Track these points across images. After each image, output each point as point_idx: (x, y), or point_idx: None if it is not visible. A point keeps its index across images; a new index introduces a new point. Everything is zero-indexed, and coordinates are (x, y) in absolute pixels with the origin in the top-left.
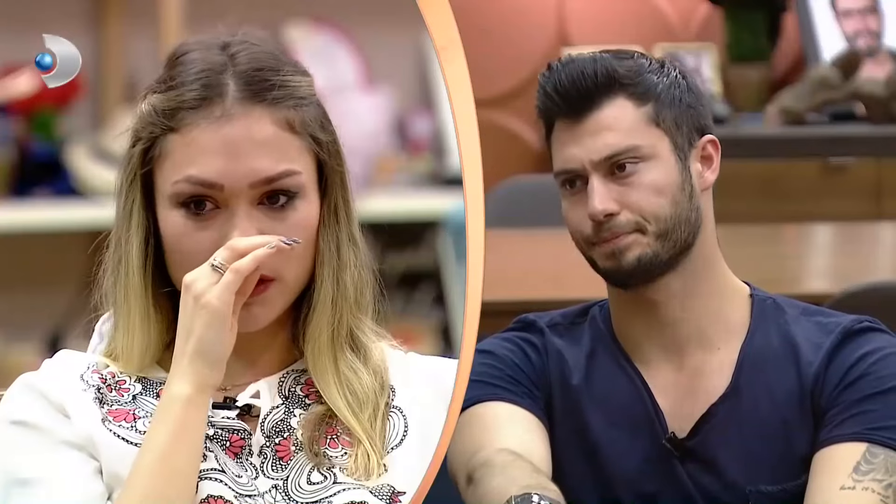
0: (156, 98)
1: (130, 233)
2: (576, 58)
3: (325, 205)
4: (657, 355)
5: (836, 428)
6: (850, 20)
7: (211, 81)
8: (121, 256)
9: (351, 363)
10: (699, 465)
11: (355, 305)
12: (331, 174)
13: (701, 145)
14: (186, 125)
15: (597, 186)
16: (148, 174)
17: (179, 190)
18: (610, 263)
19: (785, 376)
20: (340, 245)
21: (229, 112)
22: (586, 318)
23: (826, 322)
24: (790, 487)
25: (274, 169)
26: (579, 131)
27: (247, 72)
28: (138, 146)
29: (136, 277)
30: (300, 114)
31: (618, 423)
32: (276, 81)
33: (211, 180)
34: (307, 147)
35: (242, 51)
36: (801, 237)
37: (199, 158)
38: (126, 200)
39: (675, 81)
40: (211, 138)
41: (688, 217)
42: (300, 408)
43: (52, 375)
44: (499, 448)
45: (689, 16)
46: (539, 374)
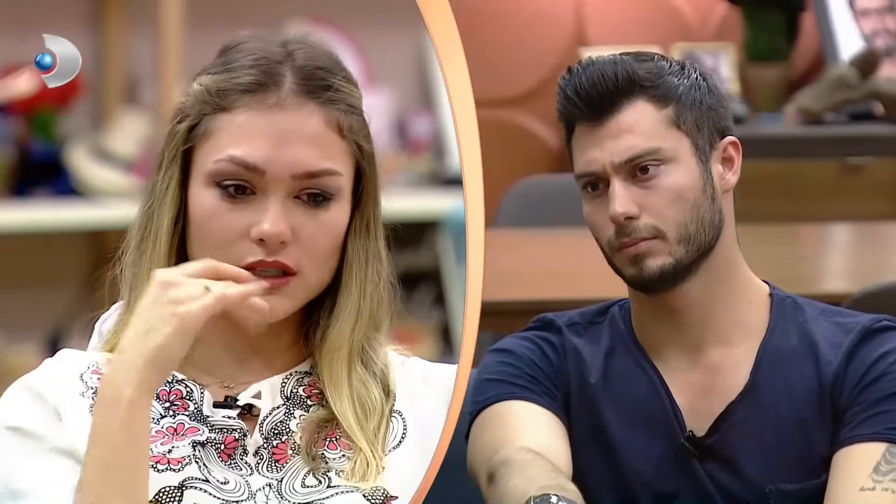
0: (208, 78)
1: (164, 208)
2: (596, 60)
3: (358, 215)
4: (676, 355)
5: (855, 427)
6: (868, 19)
7: (269, 69)
8: (150, 230)
9: (362, 376)
10: (718, 464)
11: (371, 321)
12: (367, 185)
13: (722, 147)
14: (238, 107)
15: (618, 189)
16: (187, 152)
17: (220, 168)
18: (632, 270)
19: (804, 375)
20: (369, 257)
21: (283, 101)
22: (605, 318)
23: (845, 322)
24: (809, 486)
25: (318, 164)
26: (600, 134)
27: (305, 67)
28: (185, 123)
29: (162, 250)
30: (349, 119)
31: (636, 422)
32: (332, 83)
33: (254, 163)
34: (351, 152)
35: (302, 48)
36: (819, 237)
37: (245, 140)
38: (165, 176)
39: (696, 83)
40: (261, 123)
41: (711, 219)
42: (301, 409)
43: (51, 376)
44: (519, 447)
45: (707, 15)
46: (558, 372)
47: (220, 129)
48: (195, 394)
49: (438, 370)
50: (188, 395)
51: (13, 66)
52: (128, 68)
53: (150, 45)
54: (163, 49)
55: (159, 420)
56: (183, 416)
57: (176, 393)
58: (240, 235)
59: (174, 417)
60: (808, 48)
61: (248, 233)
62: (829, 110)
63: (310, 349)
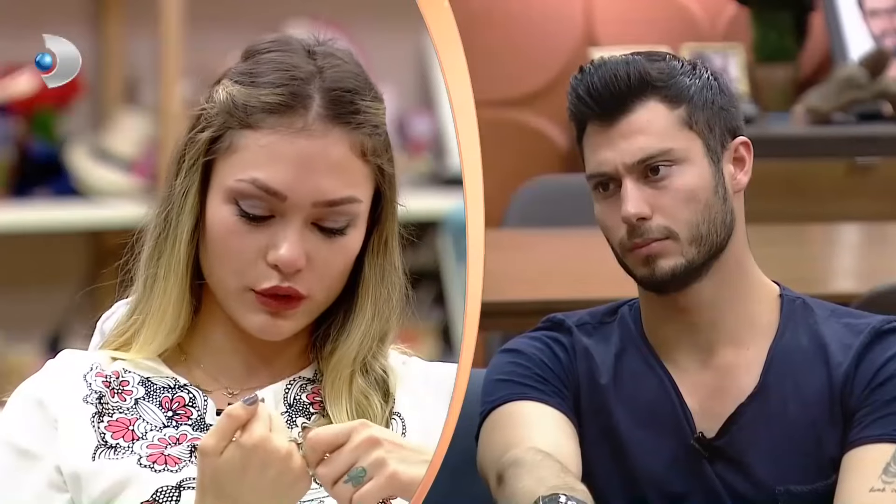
0: (236, 89)
1: (183, 216)
2: (608, 60)
3: (377, 234)
4: (687, 355)
5: (865, 429)
6: (877, 20)
7: (297, 90)
8: (168, 234)
9: (363, 387)
10: (728, 465)
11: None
12: (387, 205)
13: (733, 147)
14: (264, 127)
15: (630, 190)
16: (208, 161)
17: (241, 188)
18: (644, 271)
19: (814, 376)
20: (385, 275)
21: (310, 127)
22: (615, 318)
23: (855, 323)
24: (820, 488)
25: (339, 193)
26: (612, 134)
27: (334, 90)
28: (207, 132)
29: (181, 255)
30: (372, 141)
31: (646, 422)
32: (359, 106)
33: (276, 189)
34: (371, 175)
35: (330, 66)
36: (828, 237)
37: (268, 164)
38: (183, 182)
39: (708, 83)
40: (286, 148)
41: (723, 220)
42: (303, 417)
43: (54, 380)
44: (528, 447)
45: (716, 16)
46: (567, 373)
47: (244, 146)
48: (198, 401)
49: (438, 370)
50: (191, 402)
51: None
52: (128, 68)
53: (150, 45)
54: (163, 49)
55: (161, 429)
56: (186, 427)
57: (179, 400)
58: (256, 257)
59: (177, 428)
60: (817, 48)
61: (264, 255)
62: (838, 110)
63: (316, 355)
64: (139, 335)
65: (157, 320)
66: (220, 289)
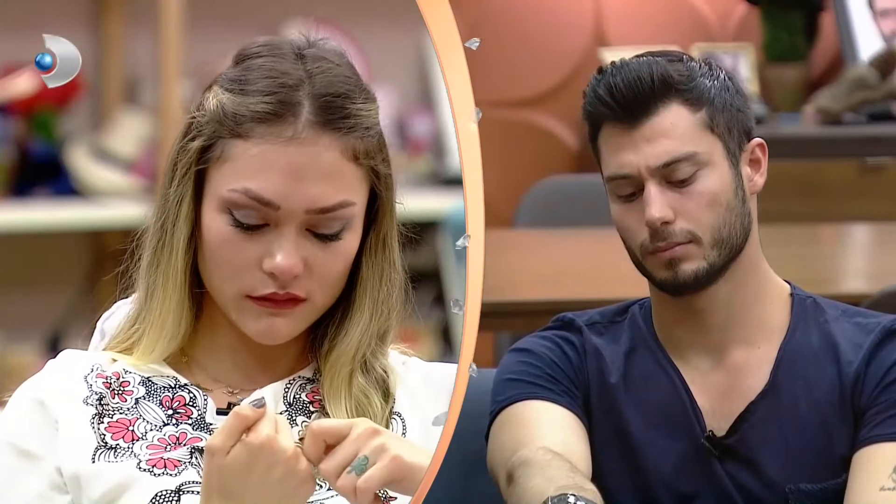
0: (226, 98)
1: (179, 225)
2: (629, 61)
3: (374, 234)
4: (698, 355)
5: (875, 428)
6: (887, 20)
7: (286, 98)
8: (165, 243)
9: (363, 386)
10: (738, 464)
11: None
12: (383, 205)
13: (750, 149)
14: (253, 136)
15: (654, 193)
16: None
17: (233, 198)
18: (666, 274)
19: (824, 375)
20: (383, 274)
21: (300, 135)
22: (625, 317)
23: (866, 322)
24: (830, 486)
25: (332, 199)
26: (635, 136)
27: (323, 96)
28: (197, 141)
29: (178, 265)
30: (364, 143)
31: (656, 422)
32: (350, 110)
33: (268, 199)
34: (365, 177)
35: (319, 71)
36: (839, 237)
37: (260, 174)
38: (177, 191)
39: (725, 84)
40: (276, 157)
41: (742, 222)
42: (304, 415)
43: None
44: (538, 447)
45: (726, 16)
46: (577, 372)
47: (235, 156)
48: (198, 400)
49: (439, 370)
50: (191, 401)
51: (13, 66)
52: (128, 68)
53: (150, 45)
54: (163, 49)
55: (161, 428)
56: (185, 426)
57: (179, 399)
58: (252, 265)
59: (177, 427)
60: (828, 48)
61: (259, 263)
62: (849, 111)
63: (315, 354)
64: (140, 343)
65: (157, 329)
66: (219, 295)
